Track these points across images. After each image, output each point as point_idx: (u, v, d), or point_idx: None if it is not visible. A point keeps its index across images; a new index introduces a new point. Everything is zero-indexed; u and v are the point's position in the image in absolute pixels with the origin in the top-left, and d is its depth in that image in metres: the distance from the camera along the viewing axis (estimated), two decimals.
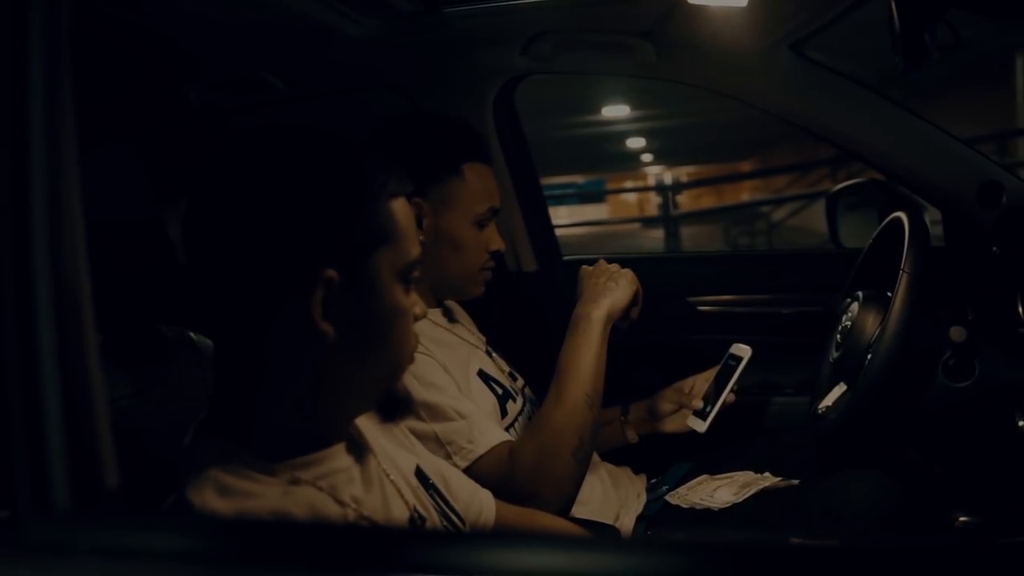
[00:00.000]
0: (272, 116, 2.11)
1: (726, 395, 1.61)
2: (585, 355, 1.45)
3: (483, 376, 1.56)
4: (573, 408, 1.41)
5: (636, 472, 1.82)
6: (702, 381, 1.70)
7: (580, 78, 8.68)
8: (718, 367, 1.68)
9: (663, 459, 1.83)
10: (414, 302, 0.95)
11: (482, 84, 1.98)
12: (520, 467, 1.38)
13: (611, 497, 1.64)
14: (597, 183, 20.08)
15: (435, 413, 1.39)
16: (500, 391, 1.56)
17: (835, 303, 1.81)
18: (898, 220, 1.59)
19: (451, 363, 1.48)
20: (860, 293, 1.64)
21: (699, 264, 2.46)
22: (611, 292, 1.52)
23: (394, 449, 1.07)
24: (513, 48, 1.84)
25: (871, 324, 1.58)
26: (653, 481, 1.79)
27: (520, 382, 1.71)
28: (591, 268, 1.58)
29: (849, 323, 1.62)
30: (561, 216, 15.88)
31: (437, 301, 1.61)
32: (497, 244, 1.59)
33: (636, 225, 13.14)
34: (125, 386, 1.11)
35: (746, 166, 15.82)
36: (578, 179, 19.66)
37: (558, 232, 2.35)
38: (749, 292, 2.19)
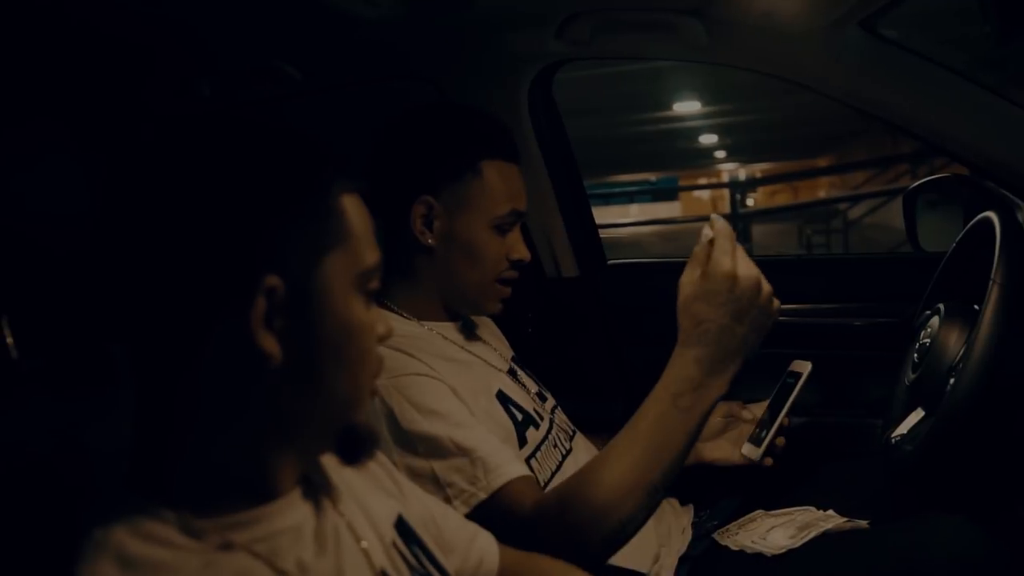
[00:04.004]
0: (291, 109, 1.98)
1: (782, 418, 1.38)
2: (677, 435, 1.11)
3: (502, 399, 1.38)
4: (628, 491, 1.11)
5: (683, 502, 1.63)
6: (758, 409, 1.49)
7: (651, 72, 8.48)
8: (776, 388, 1.46)
9: (714, 488, 1.64)
10: (377, 318, 0.80)
11: (514, 72, 1.80)
12: (541, 519, 1.17)
13: (650, 533, 1.44)
14: (670, 180, 19.75)
15: (433, 447, 1.21)
16: (521, 416, 1.38)
17: (912, 314, 1.60)
18: (987, 221, 1.37)
19: (463, 385, 1.31)
20: (941, 306, 1.42)
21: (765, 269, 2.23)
22: (753, 348, 1.11)
23: (371, 494, 0.91)
24: (546, 31, 1.66)
25: (954, 342, 1.36)
26: (702, 515, 1.60)
27: (549, 403, 1.53)
28: (738, 292, 1.09)
29: (928, 340, 1.40)
30: (632, 214, 15.63)
31: (450, 315, 1.44)
32: (520, 253, 1.41)
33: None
34: (68, 415, 0.96)
35: (823, 162, 15.29)
36: (651, 176, 19.38)
37: (627, 231, 2.17)
38: (817, 300, 1.97)
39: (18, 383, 0.97)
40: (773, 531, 1.38)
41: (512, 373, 1.49)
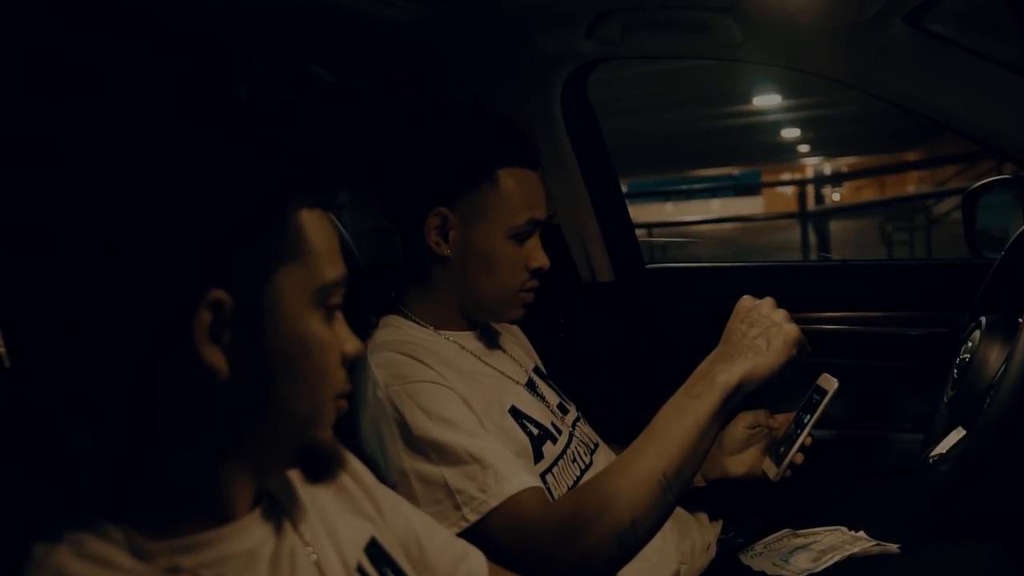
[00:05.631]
0: (329, 112, 1.99)
1: (804, 436, 1.32)
2: (686, 424, 1.13)
3: (515, 414, 1.34)
4: (639, 482, 1.11)
5: (712, 518, 1.57)
6: (785, 420, 1.43)
7: (730, 65, 8.28)
8: (802, 402, 1.40)
9: (743, 504, 1.58)
10: (343, 337, 0.78)
11: (546, 73, 1.76)
12: (550, 519, 1.15)
13: (670, 550, 1.39)
14: (753, 175, 19.36)
15: (445, 454, 1.19)
16: (537, 431, 1.34)
17: (960, 326, 1.51)
18: None
19: (475, 396, 1.28)
20: (983, 319, 1.33)
21: (811, 275, 2.14)
22: (756, 354, 1.17)
23: (342, 515, 0.89)
24: (575, 31, 1.62)
25: (995, 358, 1.27)
26: (730, 532, 1.54)
27: (571, 415, 1.49)
28: (749, 305, 1.24)
29: (968, 355, 1.32)
30: (714, 210, 15.38)
31: (469, 323, 1.41)
32: (539, 261, 1.36)
33: (792, 220, 12.47)
34: (56, 424, 0.97)
35: (911, 156, 14.74)
36: (734, 171, 19.02)
37: (704, 227, 2.10)
38: (873, 309, 1.87)
39: (9, 391, 0.97)
40: (796, 553, 1.32)
41: (531, 385, 1.45)
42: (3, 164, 1.04)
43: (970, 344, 1.34)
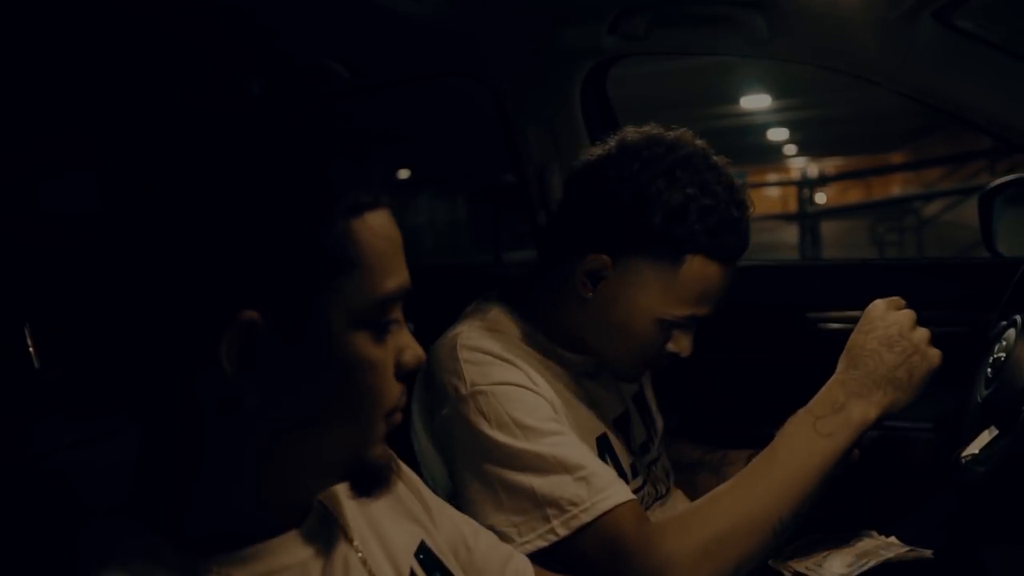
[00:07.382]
0: (346, 107, 1.95)
1: None
2: (813, 465, 1.05)
3: (601, 445, 1.27)
4: (753, 524, 1.04)
5: None
6: None
7: (718, 66, 8.26)
8: None
9: None
10: (403, 345, 0.72)
11: (566, 68, 1.74)
12: (649, 546, 1.07)
13: None
14: (738, 176, 19.41)
15: (532, 463, 1.11)
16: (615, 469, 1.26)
17: (986, 324, 1.49)
18: None
19: (564, 411, 1.21)
20: (1018, 317, 1.32)
21: (823, 274, 2.13)
22: (896, 389, 1.08)
23: (393, 520, 0.86)
24: (598, 25, 1.60)
25: None
26: None
27: (652, 454, 1.43)
28: (883, 316, 1.10)
29: (1003, 355, 1.30)
30: None
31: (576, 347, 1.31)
32: (682, 350, 1.24)
33: (777, 221, 12.51)
34: (86, 429, 0.94)
35: (897, 158, 14.88)
36: None
37: None
38: None
39: (39, 393, 0.94)
40: (829, 558, 1.30)
41: (623, 418, 1.38)
42: (29, 159, 1.01)
43: (1004, 343, 1.32)
